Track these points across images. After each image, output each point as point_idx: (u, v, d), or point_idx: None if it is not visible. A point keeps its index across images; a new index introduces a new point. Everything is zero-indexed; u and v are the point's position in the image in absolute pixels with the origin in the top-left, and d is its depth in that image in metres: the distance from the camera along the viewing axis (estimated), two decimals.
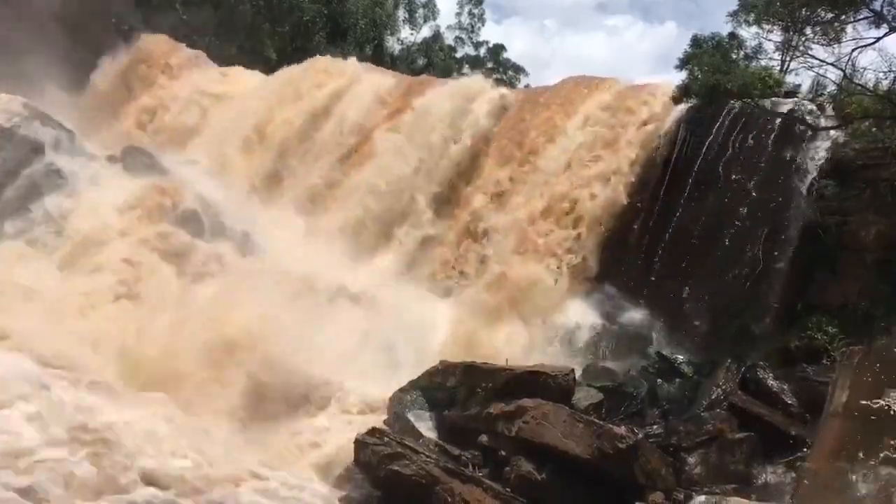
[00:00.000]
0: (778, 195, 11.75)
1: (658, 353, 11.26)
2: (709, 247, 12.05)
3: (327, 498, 8.60)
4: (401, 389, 9.76)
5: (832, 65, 11.04)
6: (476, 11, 32.72)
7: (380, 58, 26.67)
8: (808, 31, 11.50)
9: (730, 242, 11.87)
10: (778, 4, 11.53)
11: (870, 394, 6.09)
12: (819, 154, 11.73)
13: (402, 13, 30.80)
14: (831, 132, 11.74)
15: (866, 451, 5.80)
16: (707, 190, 12.40)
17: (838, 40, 10.95)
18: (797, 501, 6.51)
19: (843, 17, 10.89)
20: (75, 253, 12.76)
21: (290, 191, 17.43)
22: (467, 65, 32.02)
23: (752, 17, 12.48)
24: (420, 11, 31.22)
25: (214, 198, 15.01)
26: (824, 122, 12.09)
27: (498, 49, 33.03)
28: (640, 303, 12.27)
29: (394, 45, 30.63)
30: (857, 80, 11.15)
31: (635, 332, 11.99)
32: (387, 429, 8.92)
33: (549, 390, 8.78)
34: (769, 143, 12.17)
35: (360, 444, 8.42)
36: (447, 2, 39.36)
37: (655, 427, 9.27)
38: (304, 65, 19.93)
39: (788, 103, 12.64)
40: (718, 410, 9.21)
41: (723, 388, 9.60)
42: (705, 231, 12.16)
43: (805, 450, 8.04)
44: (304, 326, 11.39)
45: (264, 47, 24.07)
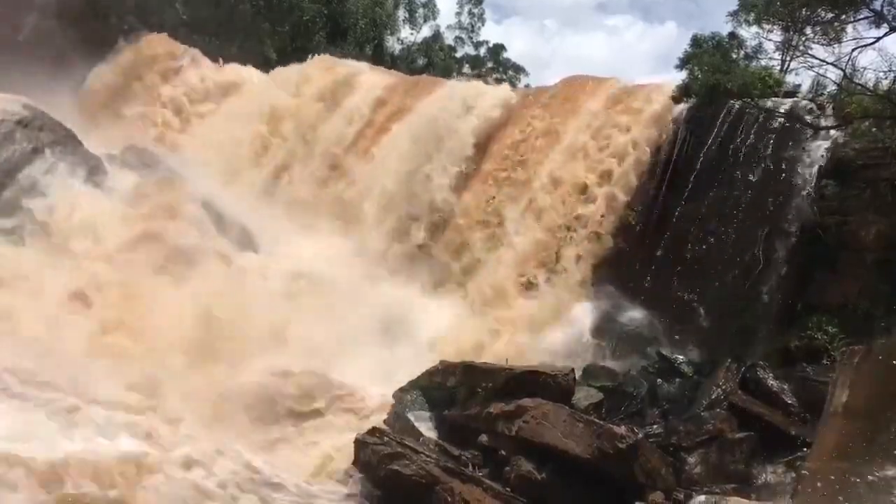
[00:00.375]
0: (778, 195, 11.73)
1: (658, 352, 11.22)
2: (709, 246, 12.04)
3: (327, 498, 8.61)
4: (401, 389, 9.77)
5: (832, 64, 11.01)
6: (476, 11, 32.74)
7: (380, 57, 26.68)
8: (808, 30, 11.46)
9: (730, 242, 11.87)
10: (778, 4, 11.51)
11: (870, 394, 6.08)
12: (819, 154, 11.71)
13: (402, 13, 30.78)
14: (831, 132, 11.71)
15: (866, 451, 5.79)
16: (707, 189, 12.38)
17: (838, 40, 10.92)
18: (797, 501, 6.49)
19: (844, 16, 10.85)
20: (75, 252, 12.76)
21: (291, 190, 17.46)
22: (467, 65, 32.03)
23: (752, 17, 12.47)
24: (420, 11, 31.21)
25: (214, 195, 15.03)
26: (824, 121, 12.04)
27: (498, 49, 32.99)
28: (640, 302, 12.24)
29: (394, 45, 30.62)
30: (857, 80, 11.11)
31: (635, 331, 11.95)
32: (387, 428, 8.93)
33: (549, 390, 8.79)
34: (769, 142, 12.14)
35: (360, 444, 8.44)
36: (447, 2, 39.37)
37: (655, 427, 9.28)
38: (306, 63, 20.13)
39: (788, 103, 12.62)
40: (718, 410, 9.22)
41: (723, 387, 9.60)
42: (705, 231, 12.14)
43: (805, 450, 8.00)
44: (304, 325, 11.39)
45: (264, 47, 24.04)
